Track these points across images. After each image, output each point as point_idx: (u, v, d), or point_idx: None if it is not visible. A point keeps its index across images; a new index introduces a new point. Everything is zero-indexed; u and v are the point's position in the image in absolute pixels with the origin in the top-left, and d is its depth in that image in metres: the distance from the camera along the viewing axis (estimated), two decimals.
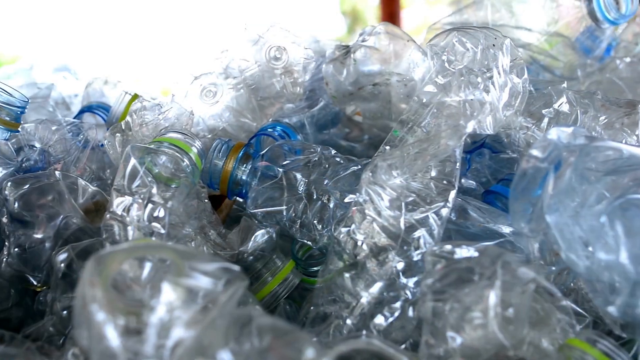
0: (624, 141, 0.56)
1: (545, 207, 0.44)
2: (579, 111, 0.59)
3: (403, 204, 0.51)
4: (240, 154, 0.59)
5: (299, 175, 0.59)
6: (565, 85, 0.62)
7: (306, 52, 0.67)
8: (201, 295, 0.38)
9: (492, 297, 0.41)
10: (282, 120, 0.67)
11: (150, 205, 0.51)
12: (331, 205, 0.57)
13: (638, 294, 0.39)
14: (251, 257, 0.59)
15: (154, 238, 0.51)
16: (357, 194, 0.51)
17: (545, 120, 0.60)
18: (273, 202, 0.58)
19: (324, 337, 0.50)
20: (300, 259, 0.62)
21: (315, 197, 0.58)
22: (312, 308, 0.52)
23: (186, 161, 0.56)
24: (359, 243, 0.50)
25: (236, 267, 0.40)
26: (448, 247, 0.46)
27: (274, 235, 0.59)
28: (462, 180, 0.66)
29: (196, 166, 0.57)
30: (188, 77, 0.71)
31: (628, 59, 0.77)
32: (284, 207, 0.58)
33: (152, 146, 0.56)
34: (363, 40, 0.69)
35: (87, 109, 0.76)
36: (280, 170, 0.58)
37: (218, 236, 0.60)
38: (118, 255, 0.38)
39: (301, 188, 0.59)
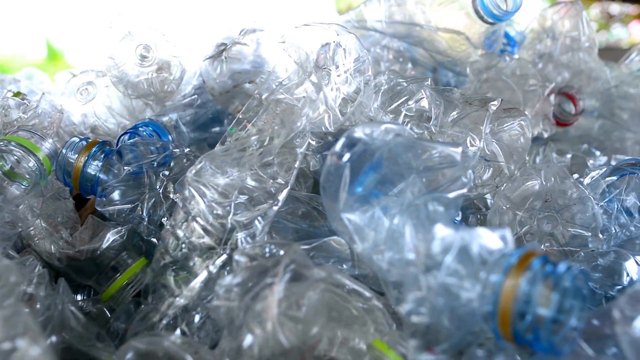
0: (468, 139, 0.55)
1: (341, 206, 0.43)
2: (433, 107, 0.58)
3: (233, 204, 0.50)
4: (93, 151, 0.59)
5: (151, 173, 0.58)
6: (428, 82, 0.61)
7: (176, 50, 0.66)
8: None
9: (272, 296, 0.40)
10: (154, 119, 0.67)
11: None
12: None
13: (412, 296, 0.39)
14: (103, 255, 0.59)
15: None
16: (181, 192, 0.51)
17: (402, 115, 0.59)
18: (122, 199, 0.58)
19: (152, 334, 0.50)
20: None
21: (171, 196, 0.58)
22: (142, 306, 0.52)
23: (32, 161, 0.56)
24: (179, 242, 0.49)
25: (11, 264, 0.40)
26: (255, 246, 0.46)
27: (125, 233, 0.59)
28: None
29: (43, 166, 0.57)
30: (67, 75, 0.71)
31: (517, 56, 0.76)
32: (132, 205, 0.58)
33: None
34: (238, 39, 0.68)
35: None
36: (129, 168, 0.58)
37: (70, 235, 0.60)
38: None
39: (158, 185, 0.59)
